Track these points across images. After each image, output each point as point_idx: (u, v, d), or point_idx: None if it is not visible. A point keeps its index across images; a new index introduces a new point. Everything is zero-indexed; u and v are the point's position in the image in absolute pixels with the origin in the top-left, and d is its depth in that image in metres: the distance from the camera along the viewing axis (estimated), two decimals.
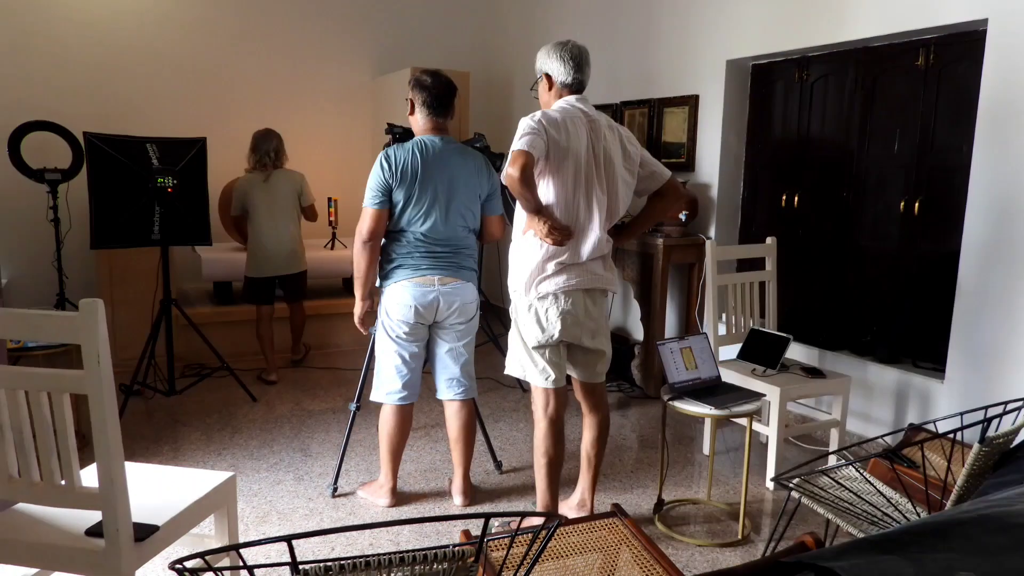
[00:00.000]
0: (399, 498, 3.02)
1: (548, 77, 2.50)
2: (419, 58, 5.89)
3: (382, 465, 2.99)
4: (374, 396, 2.90)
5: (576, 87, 2.49)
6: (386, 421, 2.91)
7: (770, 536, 2.66)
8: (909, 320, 3.49)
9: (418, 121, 2.81)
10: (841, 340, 3.71)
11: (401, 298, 2.75)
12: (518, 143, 2.27)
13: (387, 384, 2.87)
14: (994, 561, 1.01)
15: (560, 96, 2.50)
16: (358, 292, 2.81)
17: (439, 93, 2.77)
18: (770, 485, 3.19)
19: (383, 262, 2.81)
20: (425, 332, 2.86)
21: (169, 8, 5.38)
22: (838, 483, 2.01)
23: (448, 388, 2.94)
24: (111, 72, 5.22)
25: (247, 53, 5.65)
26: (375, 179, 2.71)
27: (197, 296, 5.25)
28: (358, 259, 2.76)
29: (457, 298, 2.80)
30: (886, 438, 2.94)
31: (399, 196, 2.70)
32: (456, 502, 3.01)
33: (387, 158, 2.71)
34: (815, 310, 4.03)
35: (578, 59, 2.47)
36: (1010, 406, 1.94)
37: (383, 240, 2.79)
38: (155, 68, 5.35)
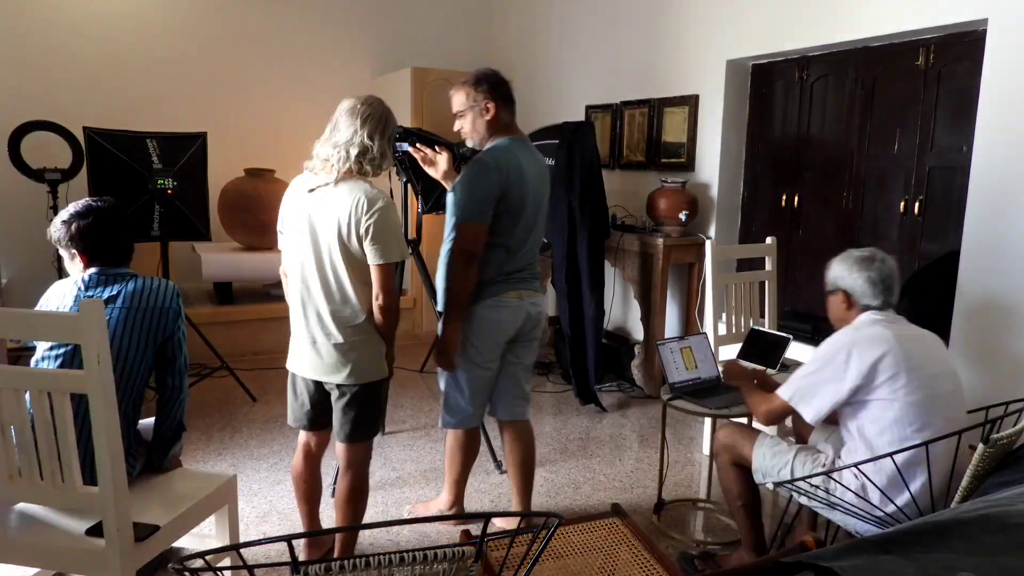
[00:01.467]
0: (397, 498, 3.02)
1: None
2: (419, 58, 5.89)
3: (455, 488, 2.83)
4: (458, 424, 2.65)
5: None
6: (465, 446, 2.71)
7: (772, 536, 2.66)
8: (908, 320, 3.48)
9: (503, 121, 2.48)
10: None
11: (488, 320, 2.49)
12: None
13: (466, 411, 2.61)
14: (994, 561, 1.01)
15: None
16: (451, 314, 2.44)
17: (509, 87, 2.51)
18: (770, 485, 3.19)
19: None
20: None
21: (169, 7, 5.37)
22: (839, 483, 2.01)
23: (517, 407, 2.68)
24: (111, 71, 5.21)
25: (247, 52, 5.65)
26: (483, 187, 2.38)
27: (197, 296, 5.25)
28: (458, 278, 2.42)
29: (537, 312, 2.61)
30: None
31: (503, 205, 2.41)
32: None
33: (490, 163, 2.39)
34: (815, 310, 4.03)
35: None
36: (1012, 407, 1.94)
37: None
38: (155, 67, 5.34)
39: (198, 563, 1.10)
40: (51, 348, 1.93)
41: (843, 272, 2.14)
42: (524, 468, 2.71)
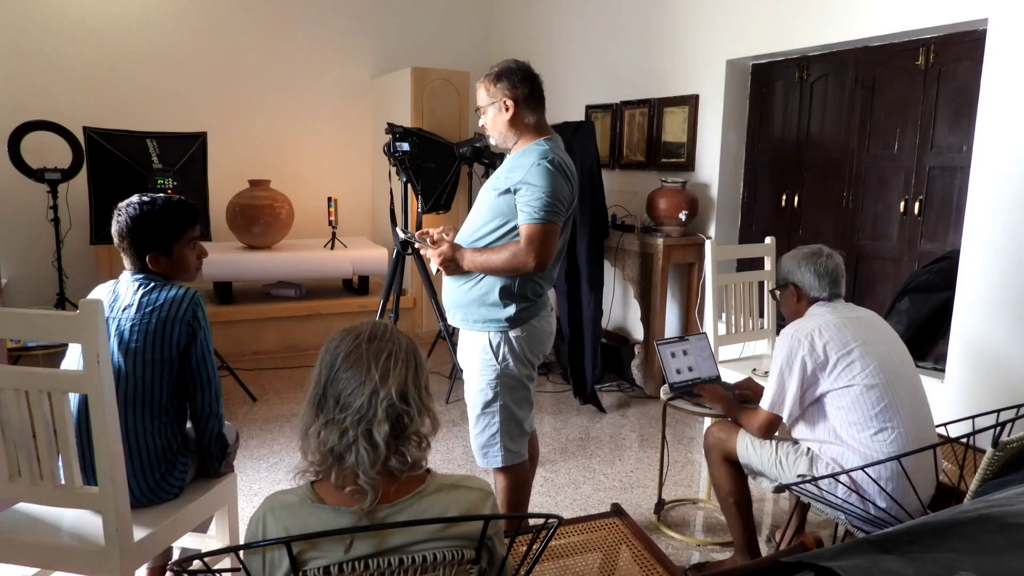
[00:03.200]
0: None
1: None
2: (419, 58, 5.89)
3: None
4: (510, 460, 2.30)
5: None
6: (526, 480, 2.41)
7: (779, 539, 2.66)
8: (908, 320, 3.49)
9: (528, 123, 2.23)
10: None
11: (540, 331, 2.31)
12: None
13: (520, 439, 2.33)
14: (994, 560, 1.01)
15: None
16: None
17: (538, 82, 2.25)
18: (765, 485, 3.18)
19: (513, 300, 2.23)
20: None
21: (169, 6, 5.37)
22: (845, 485, 2.01)
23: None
24: (111, 70, 5.21)
25: (247, 52, 5.65)
26: (561, 188, 2.14)
27: None
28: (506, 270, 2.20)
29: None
30: None
31: (569, 213, 2.23)
32: None
33: (560, 164, 2.17)
34: None
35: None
36: (1023, 411, 1.93)
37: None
38: (155, 67, 5.34)
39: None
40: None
41: (792, 267, 2.27)
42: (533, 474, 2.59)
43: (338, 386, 1.19)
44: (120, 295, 1.91)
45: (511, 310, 2.22)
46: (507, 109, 2.20)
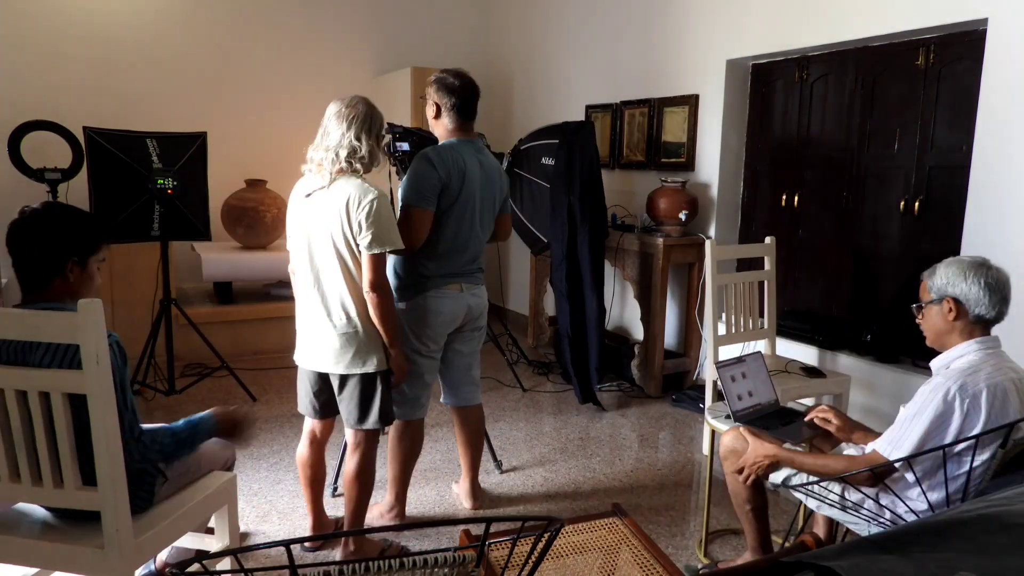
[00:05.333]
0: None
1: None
2: (419, 58, 5.88)
3: (395, 486, 2.78)
4: (402, 416, 2.67)
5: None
6: (406, 439, 2.71)
7: (784, 539, 2.66)
8: (909, 320, 3.49)
9: (445, 125, 2.63)
10: (841, 340, 3.71)
11: (431, 310, 2.59)
12: None
13: (412, 401, 2.68)
14: (994, 560, 1.01)
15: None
16: (393, 336, 2.39)
17: (467, 96, 2.60)
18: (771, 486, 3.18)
19: (397, 277, 2.61)
20: (444, 342, 2.72)
21: (168, 6, 5.37)
22: (850, 485, 2.00)
23: (468, 393, 2.89)
24: (111, 71, 5.21)
25: (247, 52, 5.64)
26: (424, 177, 2.48)
27: (197, 296, 5.24)
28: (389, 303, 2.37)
29: (480, 304, 2.75)
30: None
31: (446, 199, 2.53)
32: (466, 505, 2.99)
33: (431, 157, 2.51)
34: (815, 310, 4.03)
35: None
36: None
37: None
38: (154, 67, 5.34)
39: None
40: None
41: (955, 278, 1.92)
42: (472, 447, 2.95)
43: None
44: None
45: (396, 284, 2.59)
46: (434, 110, 2.62)
